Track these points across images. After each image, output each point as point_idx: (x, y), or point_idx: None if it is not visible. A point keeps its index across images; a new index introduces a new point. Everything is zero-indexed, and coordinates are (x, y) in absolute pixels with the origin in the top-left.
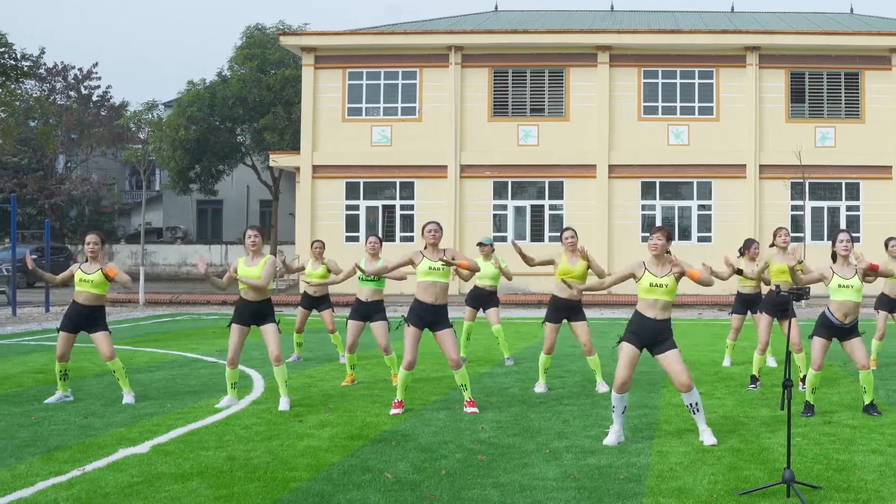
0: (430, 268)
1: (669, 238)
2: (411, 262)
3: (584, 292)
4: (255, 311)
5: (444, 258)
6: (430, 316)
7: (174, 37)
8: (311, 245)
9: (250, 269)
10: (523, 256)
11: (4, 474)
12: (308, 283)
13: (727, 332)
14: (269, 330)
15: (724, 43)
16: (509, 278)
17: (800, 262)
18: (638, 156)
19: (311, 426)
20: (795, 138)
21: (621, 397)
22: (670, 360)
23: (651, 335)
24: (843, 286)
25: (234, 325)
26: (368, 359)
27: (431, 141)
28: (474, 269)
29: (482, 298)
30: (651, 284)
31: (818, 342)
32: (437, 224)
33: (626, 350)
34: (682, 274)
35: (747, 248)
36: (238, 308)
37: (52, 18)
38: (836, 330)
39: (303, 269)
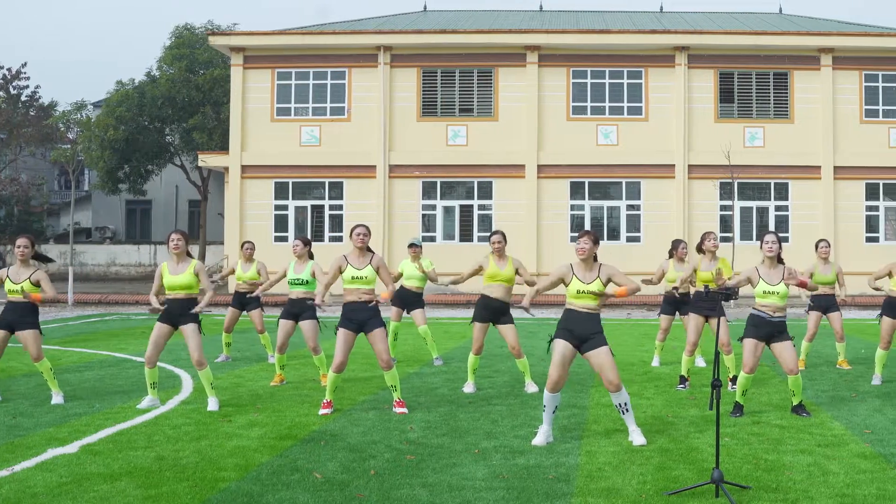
0: (353, 277)
1: (596, 242)
2: (339, 271)
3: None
4: (180, 310)
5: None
6: (359, 314)
7: (103, 37)
8: (242, 246)
9: (176, 277)
10: (455, 282)
11: None
12: (238, 283)
13: (656, 332)
14: (189, 331)
15: (653, 43)
16: (435, 281)
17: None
18: (567, 156)
19: (240, 426)
20: (724, 138)
21: (554, 396)
22: (600, 358)
23: (583, 329)
24: (768, 292)
25: (156, 324)
26: (297, 359)
27: (360, 141)
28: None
29: (408, 299)
30: (578, 291)
31: (749, 343)
32: (366, 227)
33: (559, 348)
34: (609, 279)
35: (675, 248)
36: (165, 308)
37: None
38: (768, 326)
39: (233, 272)
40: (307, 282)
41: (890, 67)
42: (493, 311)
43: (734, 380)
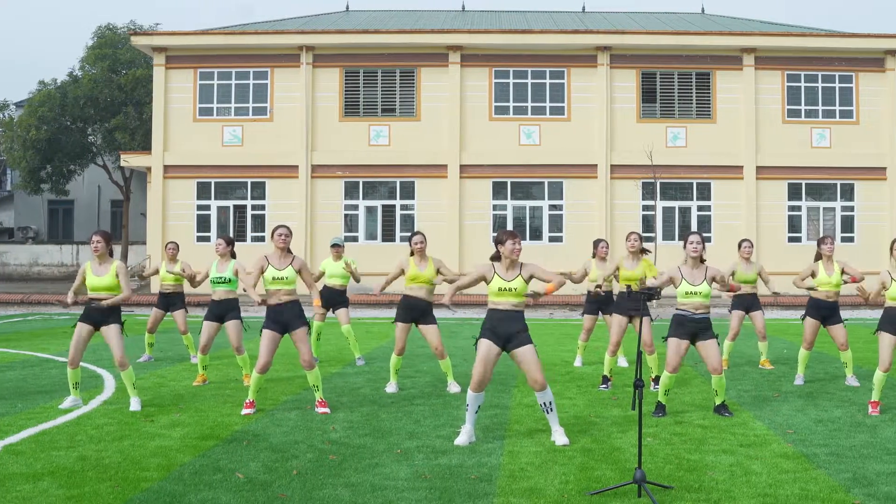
0: (274, 278)
1: (517, 241)
2: (261, 271)
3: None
4: (102, 312)
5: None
6: (282, 315)
7: (25, 37)
8: (165, 247)
9: (99, 279)
10: (384, 286)
11: None
12: (163, 284)
13: (578, 332)
14: (111, 333)
15: (575, 43)
16: (357, 280)
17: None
18: (489, 156)
19: (163, 426)
20: (646, 138)
21: (477, 396)
22: (525, 356)
23: (507, 329)
24: (691, 293)
25: (78, 324)
26: (220, 359)
27: (282, 141)
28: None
29: (332, 298)
30: (500, 289)
31: (673, 343)
32: (288, 228)
33: (483, 347)
34: (531, 276)
35: (596, 247)
36: (86, 309)
37: None
38: (691, 326)
39: (156, 272)
40: (230, 280)
41: (812, 67)
42: (415, 311)
43: (657, 380)
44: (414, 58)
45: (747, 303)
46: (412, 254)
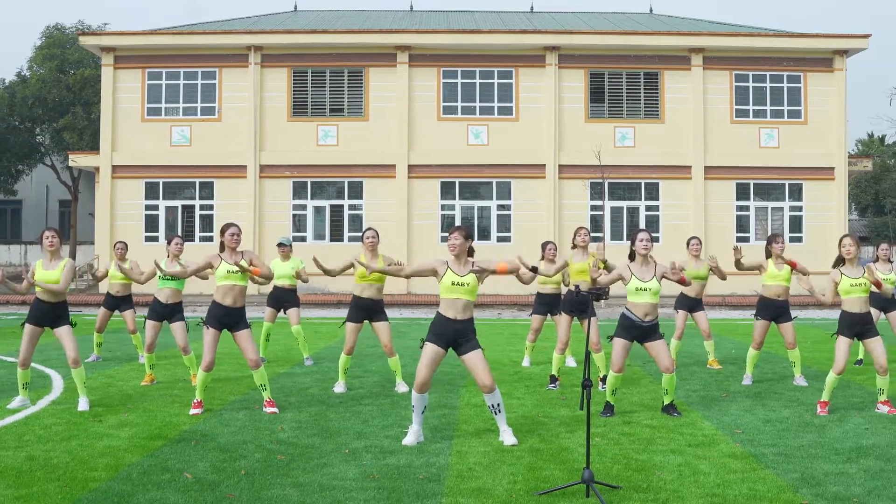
0: (228, 271)
1: (467, 237)
2: (210, 266)
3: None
4: (50, 313)
5: (241, 263)
6: (228, 318)
7: None
8: (114, 246)
9: (48, 272)
10: (324, 269)
11: None
12: (111, 284)
13: (526, 333)
14: (63, 333)
15: (524, 43)
16: (305, 281)
17: (604, 262)
18: (437, 156)
19: (111, 426)
20: (595, 138)
21: (421, 397)
22: (474, 361)
23: (454, 336)
24: (641, 289)
25: (27, 326)
26: (168, 359)
27: (231, 141)
28: (268, 277)
29: (282, 298)
30: (453, 283)
31: (619, 343)
32: (238, 227)
33: (429, 350)
34: (482, 271)
35: (544, 249)
36: (33, 309)
37: None
38: (638, 330)
39: (107, 273)
40: (178, 279)
41: (760, 67)
42: (366, 310)
43: (604, 379)
44: (362, 58)
45: (690, 303)
46: (364, 250)
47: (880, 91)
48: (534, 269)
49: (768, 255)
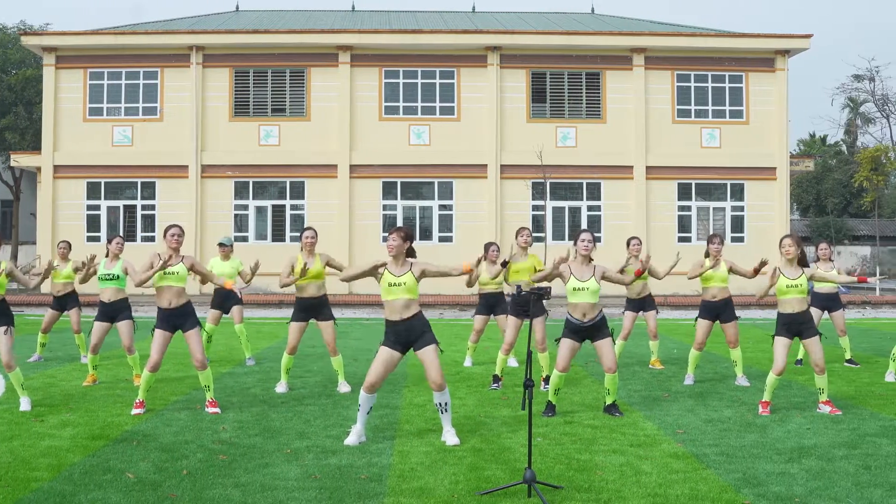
0: (166, 272)
1: (406, 238)
2: (151, 267)
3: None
4: None
5: (184, 264)
6: (174, 318)
7: None
8: (57, 246)
9: None
10: (286, 284)
11: None
12: (54, 283)
13: (468, 333)
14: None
15: (465, 43)
16: (247, 281)
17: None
18: (379, 156)
19: (53, 426)
20: (536, 138)
21: (369, 397)
22: (427, 356)
23: (404, 336)
24: (578, 289)
25: None
26: (110, 359)
27: (173, 141)
28: (209, 280)
29: (225, 298)
30: (390, 284)
31: (566, 344)
32: (180, 228)
33: (383, 352)
34: (422, 272)
35: (486, 251)
36: None
37: None
38: (581, 330)
39: (50, 272)
40: (118, 277)
41: (702, 67)
42: (310, 309)
43: (547, 379)
44: (304, 58)
45: (640, 303)
46: (301, 249)
47: (822, 91)
48: (504, 264)
49: (707, 255)
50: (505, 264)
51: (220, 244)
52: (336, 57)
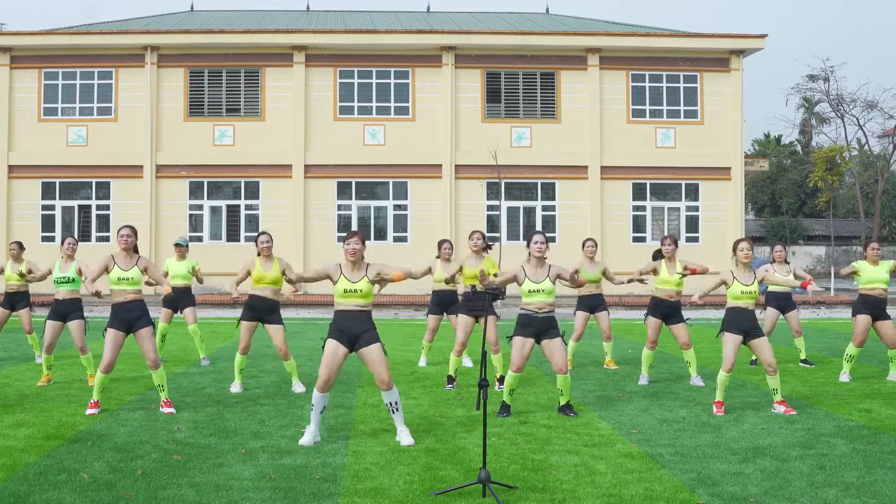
0: (119, 278)
1: (363, 241)
2: (105, 270)
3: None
4: None
5: (139, 266)
6: (127, 314)
7: None
8: (9, 246)
9: None
10: (237, 284)
11: None
12: (8, 284)
13: (423, 333)
14: None
15: (420, 43)
16: (200, 281)
17: (494, 273)
18: (334, 156)
19: (7, 426)
20: (491, 138)
21: (323, 396)
22: (372, 356)
23: (353, 331)
24: (534, 290)
25: None
26: (64, 359)
27: (127, 141)
28: (165, 291)
29: (177, 297)
30: (345, 290)
31: (518, 342)
32: (132, 229)
33: (331, 347)
34: (377, 276)
35: (440, 248)
36: None
37: None
38: (536, 324)
39: (2, 271)
40: (73, 279)
41: (656, 68)
42: (260, 311)
43: (501, 380)
44: (258, 58)
45: (591, 303)
46: (259, 254)
47: (777, 91)
48: (429, 271)
49: (655, 257)
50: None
51: (177, 244)
52: (291, 57)
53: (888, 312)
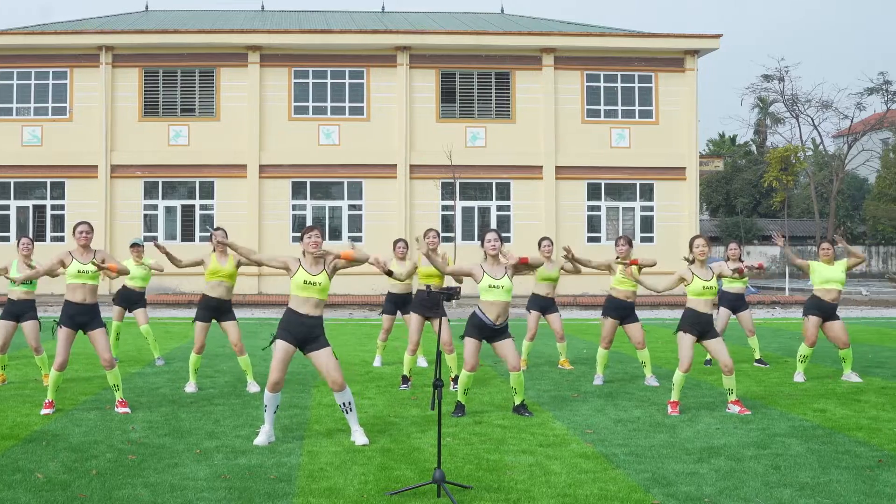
0: (79, 271)
1: (322, 237)
2: (62, 264)
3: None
4: None
5: (95, 261)
6: (81, 315)
7: None
8: None
9: None
10: (171, 258)
11: None
12: None
13: (377, 333)
14: None
15: (375, 43)
16: (161, 270)
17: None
18: (288, 156)
19: None
20: (446, 138)
21: (274, 396)
22: (323, 358)
23: (304, 332)
24: (493, 286)
25: None
26: (19, 359)
27: (82, 141)
28: (123, 272)
29: (130, 298)
30: (305, 282)
31: (470, 342)
32: (89, 225)
33: (280, 347)
34: (335, 268)
35: (394, 248)
36: None
37: None
38: (488, 330)
39: None
40: (31, 281)
41: (611, 67)
42: (214, 309)
43: (456, 379)
44: (213, 58)
45: (544, 304)
46: (214, 249)
47: (732, 91)
48: (388, 273)
49: (616, 256)
50: (389, 273)
51: (134, 244)
52: (245, 57)
53: (838, 314)
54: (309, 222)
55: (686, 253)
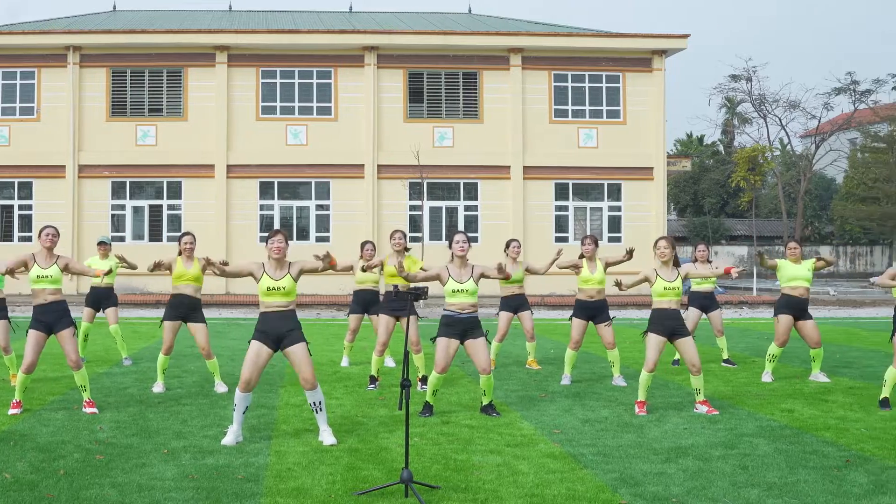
0: (38, 276)
1: (285, 240)
2: (24, 265)
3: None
4: None
5: (59, 265)
6: (47, 315)
7: None
8: None
9: None
10: (129, 265)
11: None
12: None
13: (345, 333)
14: None
15: (342, 43)
16: (134, 267)
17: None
18: (256, 156)
19: None
20: (414, 138)
21: (245, 396)
22: (297, 355)
23: (278, 332)
24: (458, 290)
25: None
26: None
27: (50, 141)
28: (89, 274)
29: (100, 297)
30: (269, 288)
31: (442, 343)
32: (54, 228)
33: (255, 348)
34: (300, 272)
35: (362, 249)
36: None
37: None
38: (459, 325)
39: None
40: None
41: (578, 67)
42: (183, 309)
43: (424, 380)
44: (181, 58)
45: (515, 303)
46: (180, 253)
47: (700, 91)
48: (365, 269)
49: (581, 256)
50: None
51: (100, 242)
52: (213, 57)
53: (810, 312)
54: (276, 222)
55: (651, 254)
